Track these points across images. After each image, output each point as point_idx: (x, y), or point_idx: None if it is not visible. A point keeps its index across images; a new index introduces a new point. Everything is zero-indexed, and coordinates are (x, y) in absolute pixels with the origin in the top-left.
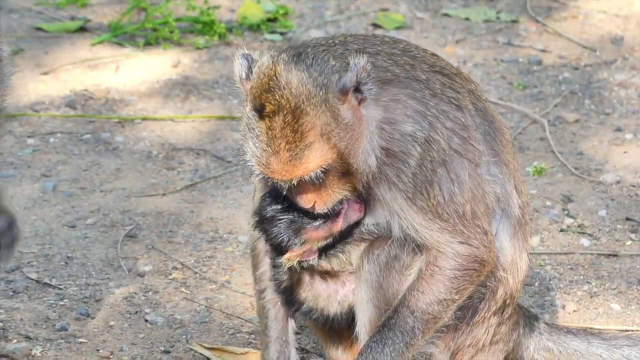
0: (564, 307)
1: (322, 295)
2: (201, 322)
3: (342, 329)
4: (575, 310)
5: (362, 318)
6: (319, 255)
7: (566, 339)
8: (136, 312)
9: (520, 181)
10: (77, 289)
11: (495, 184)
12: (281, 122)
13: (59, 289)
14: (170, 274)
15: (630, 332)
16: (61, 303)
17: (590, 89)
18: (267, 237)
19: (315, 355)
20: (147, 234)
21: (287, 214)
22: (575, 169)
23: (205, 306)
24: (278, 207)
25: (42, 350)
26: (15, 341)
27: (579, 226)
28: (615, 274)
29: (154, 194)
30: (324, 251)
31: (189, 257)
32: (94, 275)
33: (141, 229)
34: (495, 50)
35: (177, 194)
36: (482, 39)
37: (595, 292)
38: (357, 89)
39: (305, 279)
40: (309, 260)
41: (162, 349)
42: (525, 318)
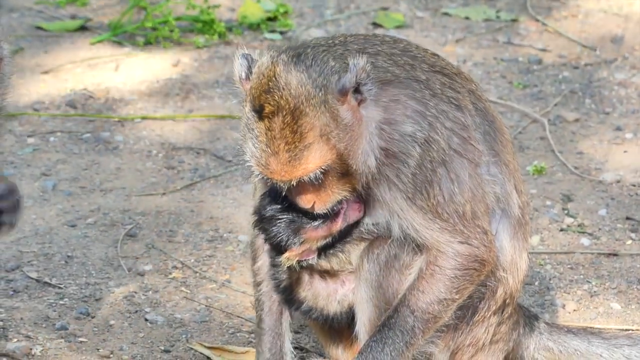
0: (564, 306)
1: (321, 295)
2: (201, 322)
3: (342, 328)
4: (575, 310)
5: (362, 317)
6: (318, 255)
7: (566, 339)
8: (136, 312)
9: (520, 181)
10: (77, 288)
11: (495, 184)
12: (280, 123)
13: (59, 288)
14: (170, 273)
15: (631, 332)
16: (61, 302)
17: (590, 88)
18: (266, 236)
19: (315, 354)
20: (147, 233)
21: (286, 213)
22: (575, 168)
23: (205, 305)
24: (277, 206)
25: (42, 350)
26: (15, 340)
27: (579, 225)
28: (615, 273)
29: (154, 193)
30: (323, 251)
31: (189, 257)
32: (94, 275)
33: (141, 228)
34: (495, 49)
35: (177, 193)
36: (482, 38)
37: (595, 292)
38: (357, 89)
39: (305, 278)
40: (308, 260)
41: (162, 348)
42: (526, 317)
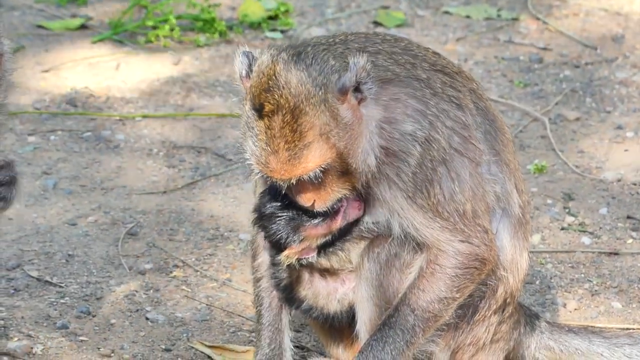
0: (565, 305)
1: (321, 294)
2: (202, 320)
3: (343, 327)
4: (576, 309)
5: (362, 316)
6: (318, 253)
7: (567, 338)
8: (137, 310)
9: (521, 180)
10: (78, 287)
11: (495, 183)
12: (280, 122)
13: (60, 286)
14: (171, 272)
15: (632, 331)
16: (62, 301)
17: (591, 87)
18: (266, 234)
19: (316, 353)
20: (148, 231)
21: (286, 211)
22: (576, 167)
23: (206, 304)
24: (277, 204)
25: (43, 349)
26: (16, 339)
27: (579, 224)
28: (616, 272)
29: (154, 192)
30: (323, 249)
31: (189, 255)
32: (95, 273)
33: (142, 226)
34: (496, 48)
35: (177, 191)
36: (482, 37)
37: (596, 291)
38: (357, 88)
39: (305, 276)
40: (308, 258)
41: (162, 347)
42: (526, 317)
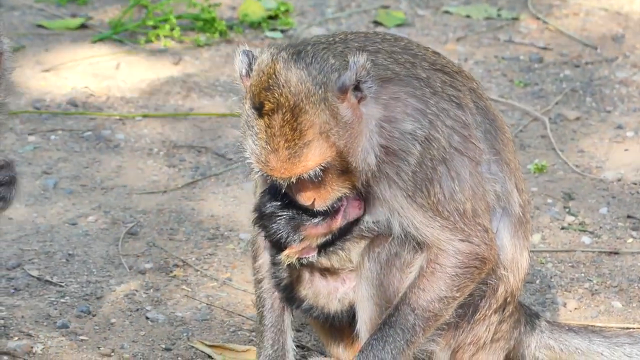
0: (565, 304)
1: (322, 293)
2: (202, 320)
3: (343, 326)
4: (576, 308)
5: (362, 316)
6: (318, 252)
7: (567, 337)
8: (137, 310)
9: (521, 180)
10: (78, 287)
11: (495, 183)
12: (280, 121)
13: (60, 286)
14: (171, 271)
15: (632, 330)
16: (62, 300)
17: (591, 87)
18: (266, 233)
19: (316, 353)
20: (148, 231)
21: (286, 210)
22: (577, 166)
23: (206, 304)
24: (277, 203)
25: (43, 348)
26: (16, 338)
27: (580, 224)
28: (616, 271)
29: (155, 192)
30: (323, 248)
31: (190, 255)
32: (95, 273)
33: (142, 226)
34: (496, 47)
35: (178, 191)
36: (483, 37)
37: (596, 290)
38: (357, 87)
39: (305, 276)
40: (308, 257)
41: (163, 346)
42: (527, 316)
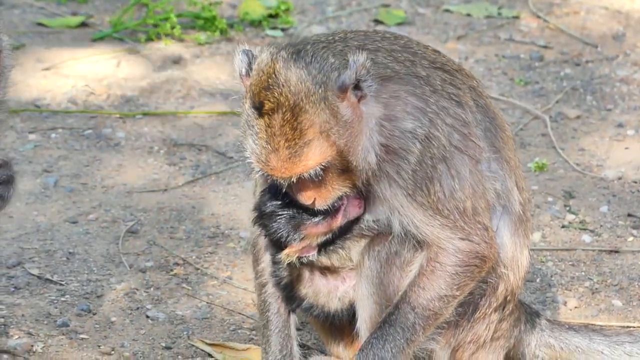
0: (565, 303)
1: (322, 292)
2: (202, 318)
3: (343, 325)
4: (576, 307)
5: (362, 314)
6: (319, 251)
7: (568, 336)
8: (137, 308)
9: (521, 178)
10: (79, 285)
11: (495, 181)
12: (280, 120)
13: (61, 284)
14: (172, 270)
15: (632, 329)
16: (62, 299)
17: (591, 85)
18: (266, 233)
19: (316, 351)
20: (149, 229)
21: (286, 209)
22: (577, 165)
23: (207, 302)
24: (277, 202)
25: (44, 346)
26: (16, 337)
27: (580, 222)
28: (616, 270)
29: (155, 190)
30: (323, 247)
31: (190, 253)
32: (96, 271)
33: (142, 224)
34: (497, 46)
35: (178, 189)
36: (483, 35)
37: (596, 289)
38: (357, 86)
39: (305, 275)
40: (309, 256)
41: (163, 345)
42: (527, 314)
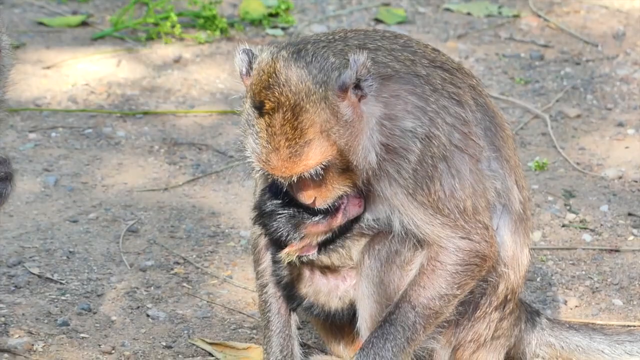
0: (565, 302)
1: (322, 291)
2: (203, 317)
3: (344, 324)
4: (577, 306)
5: (363, 313)
6: (319, 250)
7: (568, 335)
8: (138, 307)
9: (522, 176)
10: (79, 284)
11: (495, 179)
12: (281, 119)
13: (61, 283)
14: (172, 269)
15: (632, 328)
16: (63, 298)
17: (592, 84)
18: (266, 232)
19: (317, 350)
20: (149, 228)
21: (286, 208)
22: (577, 164)
23: (207, 301)
24: (278, 201)
25: (44, 345)
26: (17, 336)
27: (580, 221)
28: (617, 269)
29: (155, 189)
30: (323, 246)
31: (190, 252)
32: (96, 270)
33: (143, 223)
34: (497, 45)
35: (178, 188)
36: (483, 34)
37: (597, 288)
38: (357, 85)
39: (306, 274)
40: (309, 255)
41: (163, 344)
42: (527, 313)
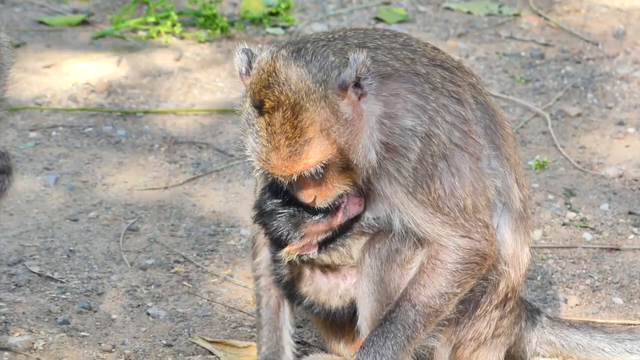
0: (566, 301)
1: (323, 290)
2: (203, 316)
3: (344, 322)
4: (577, 304)
5: (363, 312)
6: (319, 249)
7: (568, 333)
8: (138, 306)
9: (522, 175)
10: (79, 283)
11: (496, 178)
12: (281, 118)
13: (61, 282)
14: (173, 267)
15: (633, 326)
16: (63, 296)
17: (592, 83)
18: (266, 231)
19: (317, 349)
20: (149, 227)
21: (286, 207)
22: (578, 162)
23: (208, 300)
24: (278, 200)
25: (44, 344)
26: (17, 335)
27: (581, 220)
28: (617, 267)
29: (156, 188)
30: (323, 245)
31: (191, 251)
32: (96, 269)
33: (143, 222)
34: (498, 44)
35: (179, 187)
36: (484, 33)
37: (597, 286)
38: (357, 84)
39: (306, 273)
40: (309, 254)
41: (164, 342)
42: (528, 312)
